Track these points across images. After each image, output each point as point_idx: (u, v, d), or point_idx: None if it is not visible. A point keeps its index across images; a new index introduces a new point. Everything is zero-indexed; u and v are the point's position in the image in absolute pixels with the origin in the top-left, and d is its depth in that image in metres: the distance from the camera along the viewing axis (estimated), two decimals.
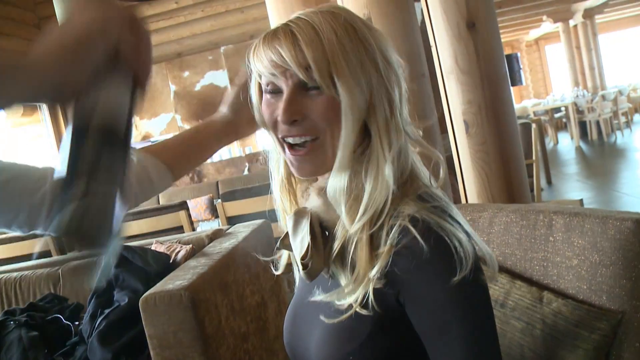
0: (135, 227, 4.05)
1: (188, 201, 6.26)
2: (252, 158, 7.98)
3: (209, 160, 8.37)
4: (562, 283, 1.18)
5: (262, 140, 11.57)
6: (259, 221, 2.75)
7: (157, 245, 2.49)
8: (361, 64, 0.80)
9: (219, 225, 5.57)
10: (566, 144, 10.97)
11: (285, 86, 0.83)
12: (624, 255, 1.05)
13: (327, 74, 0.79)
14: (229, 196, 3.78)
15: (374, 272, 0.78)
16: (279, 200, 0.97)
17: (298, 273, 0.98)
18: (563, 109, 11.28)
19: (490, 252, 0.88)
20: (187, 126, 7.82)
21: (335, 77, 0.79)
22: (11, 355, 2.07)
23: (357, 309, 0.79)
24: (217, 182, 7.51)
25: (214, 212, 7.13)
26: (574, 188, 6.65)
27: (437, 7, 1.94)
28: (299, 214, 0.89)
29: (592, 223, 1.13)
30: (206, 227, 5.76)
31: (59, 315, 2.34)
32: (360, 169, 0.83)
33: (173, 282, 1.80)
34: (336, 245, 0.84)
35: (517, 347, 1.17)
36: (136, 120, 7.89)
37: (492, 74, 1.95)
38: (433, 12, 1.97)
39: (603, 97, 10.47)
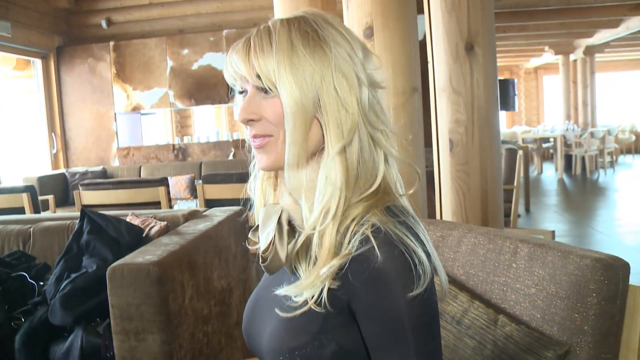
0: (114, 196, 4.05)
1: (169, 178, 6.27)
2: (239, 144, 7.97)
3: (195, 140, 8.34)
4: (518, 309, 1.22)
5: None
6: (235, 208, 2.77)
7: (133, 218, 2.50)
8: (311, 67, 0.84)
9: (196, 206, 5.58)
10: (550, 174, 11.11)
11: (248, 89, 0.89)
12: (579, 291, 1.09)
13: (271, 79, 0.85)
14: (211, 179, 3.79)
15: (324, 271, 0.81)
16: (259, 191, 1.00)
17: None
18: (552, 140, 11.42)
19: (445, 277, 0.91)
20: (178, 103, 7.80)
21: (277, 82, 0.84)
22: None
23: (312, 306, 0.82)
24: (201, 163, 7.50)
25: (193, 192, 7.13)
26: (551, 219, 6.74)
27: (439, 25, 1.97)
28: (270, 209, 0.92)
29: (554, 256, 1.17)
30: (183, 206, 5.77)
31: (24, 274, 2.34)
32: (316, 167, 0.88)
33: (143, 256, 1.81)
34: (300, 240, 0.87)
35: None
36: (129, 90, 7.85)
37: (484, 98, 1.99)
38: (435, 29, 2.01)
39: (592, 134, 10.61)
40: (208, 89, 7.68)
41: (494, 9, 2.06)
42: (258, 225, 0.94)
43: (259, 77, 0.86)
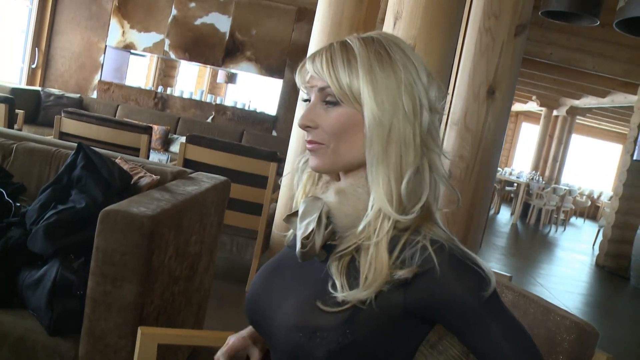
0: (95, 131, 4.01)
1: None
2: (220, 109, 7.94)
3: (177, 94, 8.27)
4: None
5: (232, 96, 11.50)
6: (221, 177, 2.80)
7: (122, 162, 2.51)
8: (387, 89, 0.92)
9: (167, 160, 5.56)
10: (505, 217, 11.44)
11: (312, 98, 0.98)
12: (553, 346, 1.19)
13: (343, 92, 0.93)
14: (195, 139, 3.79)
15: (380, 280, 0.90)
16: (303, 183, 1.08)
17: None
18: (515, 185, 11.76)
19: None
20: (172, 53, 7.71)
21: (358, 98, 0.93)
22: None
23: (357, 304, 0.90)
24: (179, 118, 7.45)
25: (164, 144, 7.08)
26: (498, 260, 6.98)
27: (469, 64, 2.06)
28: (313, 202, 0.98)
29: (536, 309, 1.27)
30: (154, 157, 5.73)
31: (2, 190, 2.32)
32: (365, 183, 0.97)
33: (137, 206, 1.84)
34: (345, 245, 0.94)
35: None
36: (126, 26, 7.72)
37: (491, 140, 2.09)
38: (463, 67, 2.09)
39: (554, 190, 10.98)
40: (205, 47, 7.63)
41: (521, 59, 2.16)
42: (296, 212, 1.01)
43: (332, 87, 0.93)
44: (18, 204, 2.31)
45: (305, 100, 1.00)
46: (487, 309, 0.90)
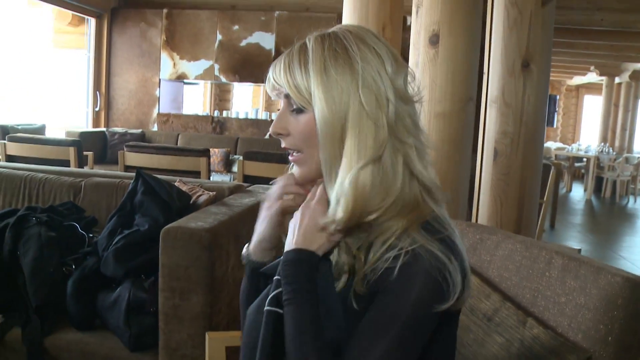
0: (156, 160, 4.20)
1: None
2: None
3: (234, 115, 8.49)
4: (547, 315, 1.32)
5: None
6: None
7: (180, 184, 2.63)
8: (339, 87, 0.89)
9: (230, 180, 5.72)
10: (578, 194, 11.06)
11: (282, 105, 0.97)
12: (607, 305, 1.19)
13: (302, 97, 0.91)
14: (252, 156, 3.92)
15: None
16: None
17: None
18: (585, 160, 11.35)
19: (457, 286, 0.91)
20: (222, 77, 7.93)
21: (310, 101, 0.91)
22: (28, 248, 2.21)
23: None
24: (238, 139, 7.65)
25: (227, 166, 7.27)
26: (574, 238, 6.77)
27: (499, 41, 2.06)
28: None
29: (587, 270, 1.27)
30: (217, 178, 5.91)
31: (75, 224, 2.49)
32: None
33: (195, 221, 1.94)
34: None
35: (492, 358, 1.32)
36: (176, 58, 8.01)
37: (532, 113, 2.08)
38: (495, 43, 2.09)
39: (626, 159, 10.53)
40: (253, 66, 7.81)
41: (553, 29, 2.14)
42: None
43: (291, 94, 0.92)
44: (91, 235, 2.47)
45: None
46: (390, 326, 0.86)
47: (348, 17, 2.25)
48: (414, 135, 0.93)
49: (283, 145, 0.98)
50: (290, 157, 0.99)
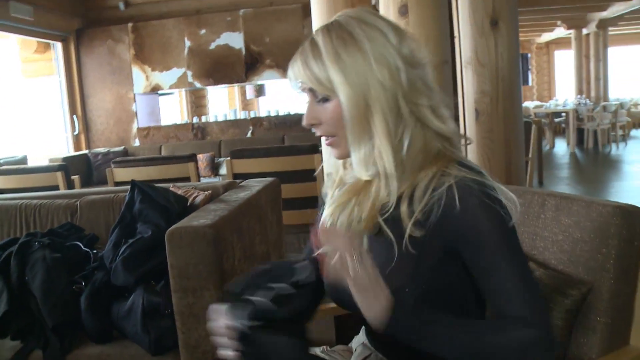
0: (145, 172, 4.22)
1: None
2: (257, 122, 8.11)
3: (212, 119, 8.50)
4: (547, 254, 1.38)
5: (265, 106, 11.69)
6: (269, 178, 2.93)
7: (175, 189, 2.67)
8: (355, 69, 0.98)
9: None
10: (562, 148, 11.20)
11: (308, 98, 1.06)
12: (602, 234, 1.25)
13: (325, 87, 1.00)
14: (239, 154, 3.96)
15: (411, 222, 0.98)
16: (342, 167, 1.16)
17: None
18: (564, 114, 11.49)
19: (517, 201, 1.04)
20: (197, 83, 7.94)
21: (333, 89, 0.99)
22: (35, 272, 2.24)
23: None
24: (220, 142, 7.66)
25: (213, 169, 7.29)
26: (564, 191, 6.85)
27: (466, 2, 2.11)
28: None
29: (578, 206, 1.33)
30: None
31: (78, 243, 2.52)
32: None
33: (197, 220, 1.99)
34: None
35: None
36: (148, 71, 8.00)
37: (507, 70, 2.14)
38: (461, 5, 2.14)
39: (604, 108, 10.67)
40: (225, 68, 7.81)
41: None
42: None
43: (314, 87, 1.01)
44: (95, 251, 2.50)
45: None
46: (502, 246, 0.95)
47: (316, 5, 2.29)
48: (427, 96, 1.02)
49: (317, 133, 1.07)
50: (325, 142, 1.08)
